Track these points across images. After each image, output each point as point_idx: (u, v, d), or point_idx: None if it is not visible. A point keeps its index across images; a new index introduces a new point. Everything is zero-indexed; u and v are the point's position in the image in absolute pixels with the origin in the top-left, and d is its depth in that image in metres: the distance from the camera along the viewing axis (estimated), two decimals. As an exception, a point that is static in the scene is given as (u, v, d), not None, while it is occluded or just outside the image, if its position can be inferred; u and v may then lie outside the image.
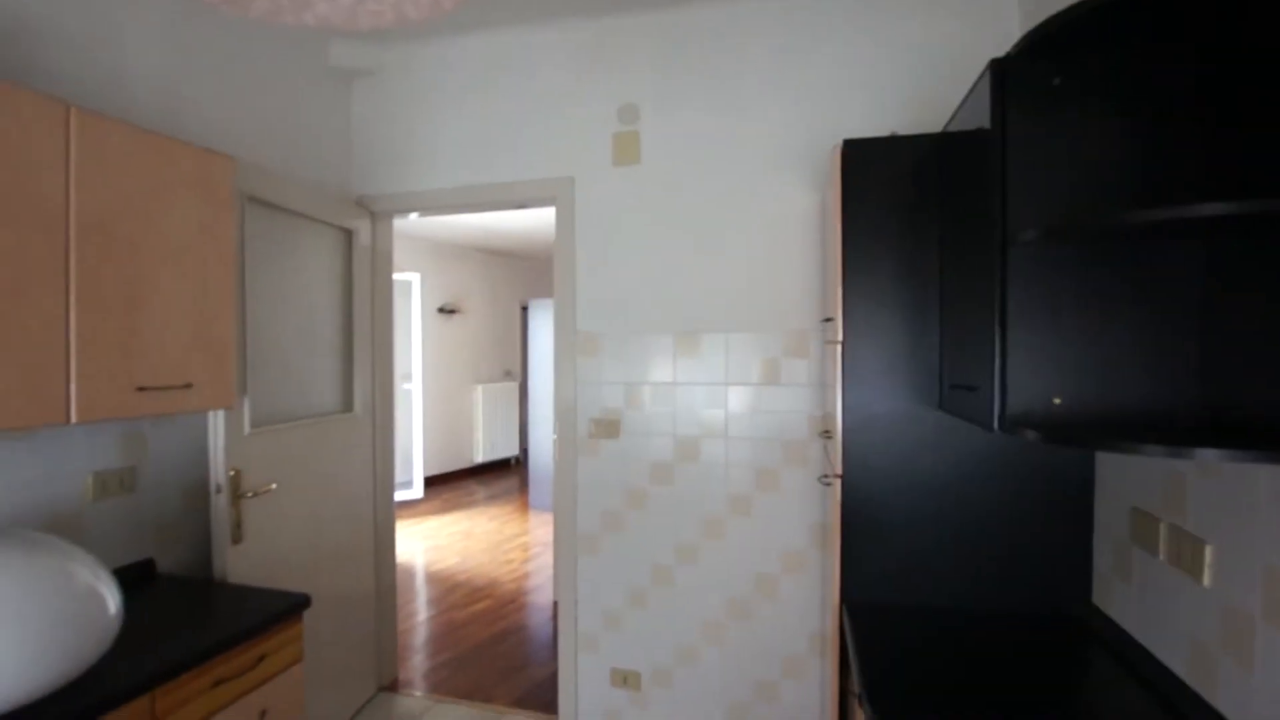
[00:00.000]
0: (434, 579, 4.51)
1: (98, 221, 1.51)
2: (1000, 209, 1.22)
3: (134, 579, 1.94)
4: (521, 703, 2.89)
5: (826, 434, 2.15)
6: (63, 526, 1.79)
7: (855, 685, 1.49)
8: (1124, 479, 1.48)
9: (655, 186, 2.55)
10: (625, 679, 2.63)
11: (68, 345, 1.46)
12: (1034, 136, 1.22)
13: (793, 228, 2.40)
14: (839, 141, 1.80)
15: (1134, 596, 1.43)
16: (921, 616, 1.65)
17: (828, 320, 2.03)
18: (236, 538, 2.11)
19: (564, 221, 2.66)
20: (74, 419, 1.46)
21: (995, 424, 1.23)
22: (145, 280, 1.63)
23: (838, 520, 1.75)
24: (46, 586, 1.26)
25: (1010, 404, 1.24)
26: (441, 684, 3.06)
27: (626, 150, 2.57)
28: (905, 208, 1.72)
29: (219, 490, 2.07)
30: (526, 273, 8.73)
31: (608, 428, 2.61)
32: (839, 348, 1.75)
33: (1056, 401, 1.22)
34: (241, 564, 2.13)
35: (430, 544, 5.30)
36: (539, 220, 5.98)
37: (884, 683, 1.34)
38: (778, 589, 2.44)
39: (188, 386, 1.74)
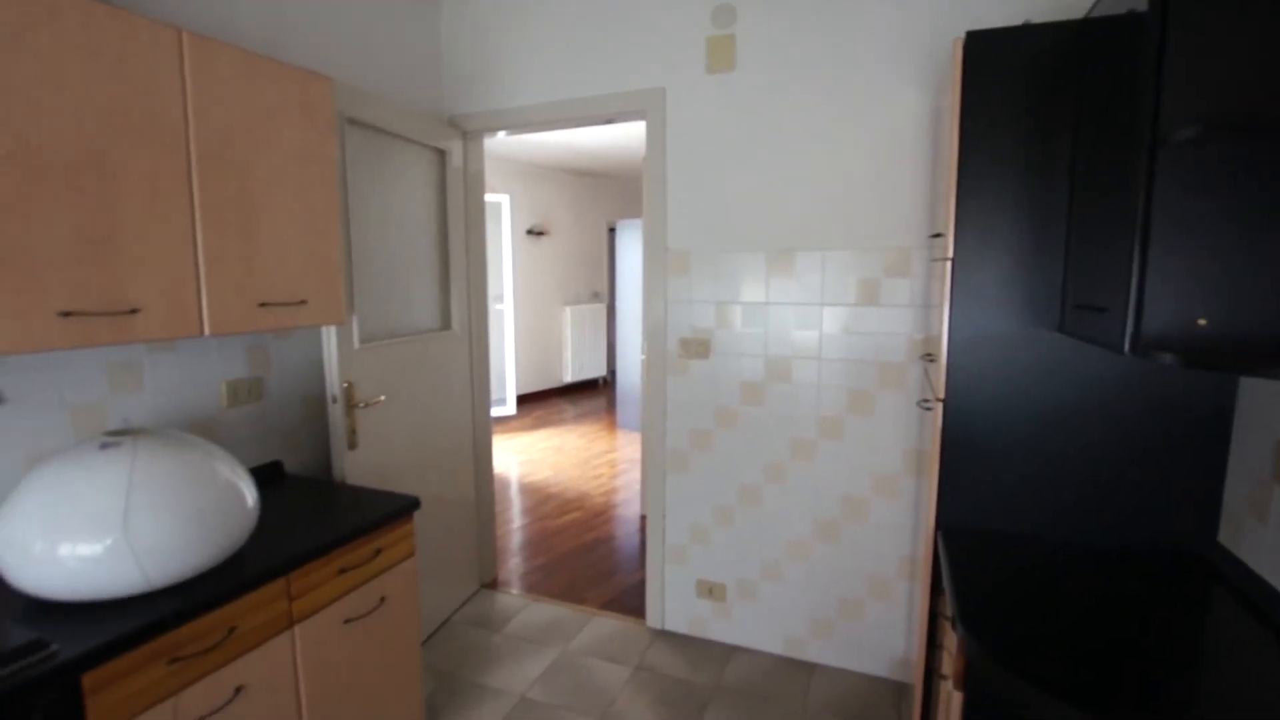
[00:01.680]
0: (527, 490, 4.76)
1: (214, 145, 1.58)
2: (1153, 105, 1.08)
3: (265, 478, 2.14)
4: (610, 606, 3.05)
5: (928, 357, 2.05)
6: (202, 429, 1.99)
7: (948, 609, 1.47)
8: (1274, 410, 1.34)
9: (750, 94, 2.41)
10: (710, 590, 2.72)
11: (197, 264, 1.56)
12: (1199, 20, 1.05)
13: (900, 136, 2.23)
14: (960, 35, 1.62)
15: (1271, 537, 1.32)
16: (1023, 546, 1.59)
17: (936, 236, 1.90)
18: (352, 444, 2.28)
19: (654, 135, 2.58)
20: (207, 331, 1.59)
21: (1126, 346, 1.13)
22: (258, 202, 1.71)
23: (937, 445, 1.69)
24: (197, 480, 1.41)
25: (1145, 325, 1.12)
26: (536, 585, 3.27)
27: (721, 56, 2.43)
28: (1034, 108, 1.55)
29: (335, 400, 2.22)
30: (613, 194, 8.64)
31: (698, 347, 2.60)
32: (948, 265, 1.63)
33: (1201, 323, 1.10)
34: (357, 468, 2.31)
35: (523, 458, 5.56)
36: (626, 138, 5.85)
37: (979, 608, 1.32)
38: (868, 512, 2.42)
39: (302, 303, 1.84)
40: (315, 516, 1.83)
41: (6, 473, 1.54)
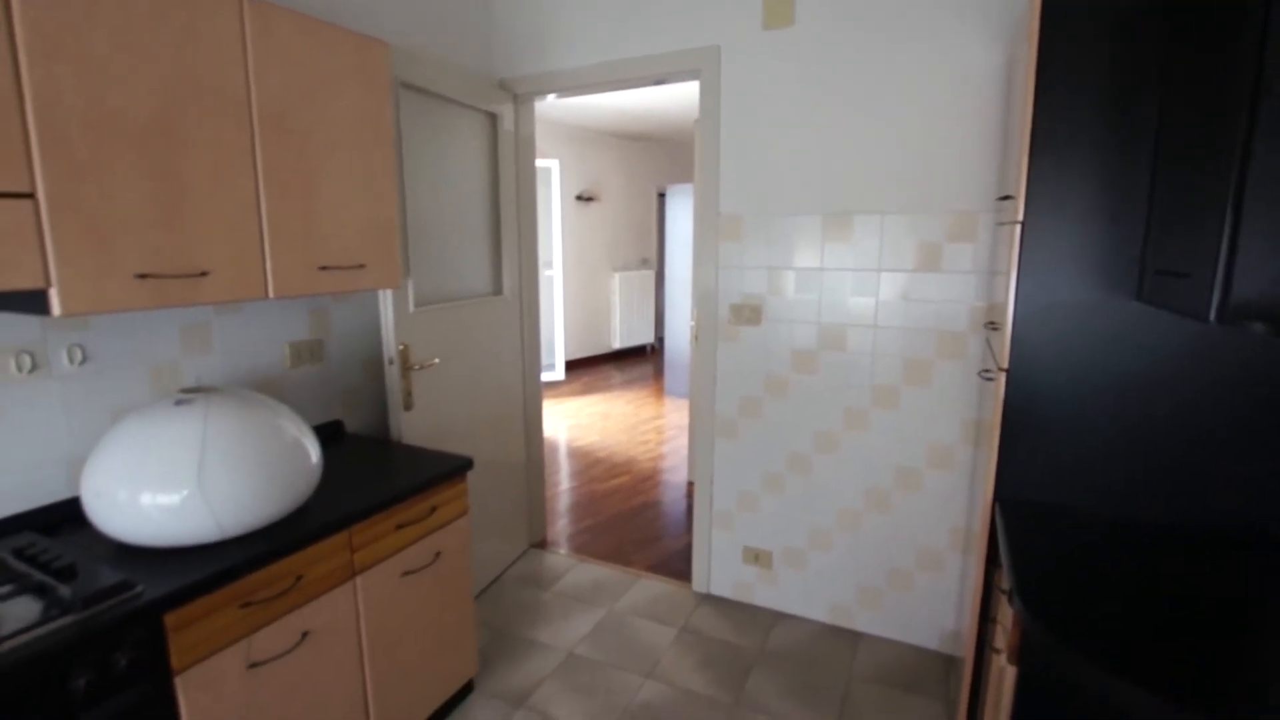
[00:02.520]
0: (575, 454, 4.83)
1: (275, 111, 1.61)
2: (1257, 51, 0.99)
3: (327, 436, 2.23)
4: (656, 569, 3.09)
5: (991, 325, 1.98)
6: (268, 389, 2.07)
7: (1004, 582, 1.44)
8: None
9: (808, 51, 2.32)
10: (757, 557, 2.72)
11: (261, 228, 1.61)
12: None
13: (967, 94, 2.12)
14: (1038, -19, 1.52)
15: (1364, 519, 1.23)
16: (1086, 522, 1.54)
17: (1004, 199, 1.81)
18: (408, 405, 2.34)
19: (708, 95, 2.51)
20: (271, 294, 1.64)
21: (1212, 314, 1.06)
22: (317, 167, 1.74)
23: (998, 416, 1.64)
24: (265, 437, 1.47)
25: (1234, 292, 1.05)
26: (584, 546, 3.33)
27: (778, 10, 2.34)
28: (1116, 60, 1.44)
29: (391, 362, 2.28)
30: (663, 158, 8.53)
31: (749, 314, 2.57)
32: (1017, 228, 1.56)
33: (1299, 290, 1.02)
34: (413, 428, 2.38)
35: (571, 422, 5.64)
36: (676, 101, 5.73)
37: (1038, 582, 1.28)
38: (921, 483, 2.38)
39: (360, 267, 1.89)
40: (374, 474, 1.90)
41: (94, 426, 1.64)
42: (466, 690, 2.21)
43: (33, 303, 1.27)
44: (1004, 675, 1.37)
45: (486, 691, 2.24)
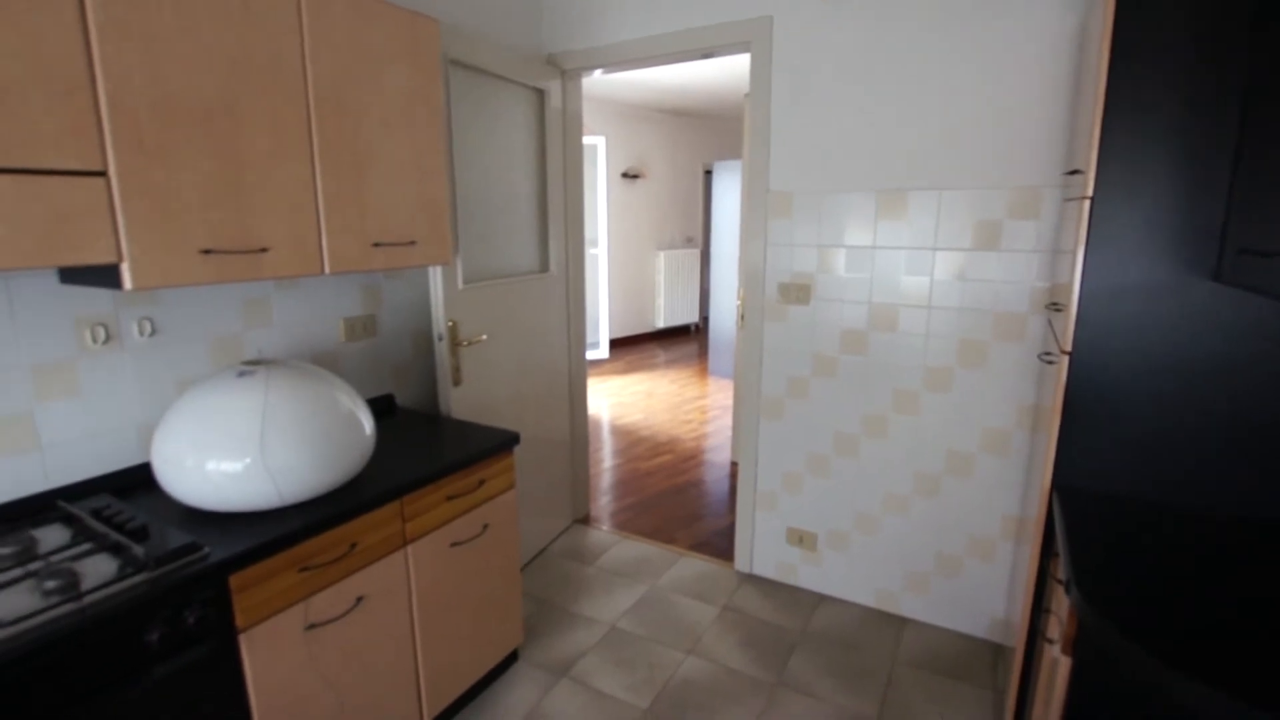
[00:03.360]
0: (619, 432, 4.86)
1: (330, 89, 1.64)
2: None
3: (379, 410, 2.29)
4: (698, 548, 3.10)
5: (1054, 306, 1.90)
6: (324, 362, 2.13)
7: (1060, 571, 1.39)
8: None
9: (865, 19, 2.24)
10: (801, 538, 2.71)
11: (317, 205, 1.64)
12: None
13: (1035, 62, 2.01)
14: (1118, -62, 1.42)
15: None
16: (1151, 513, 1.47)
17: (1072, 173, 1.73)
18: (456, 380, 2.39)
19: (759, 67, 2.45)
20: (327, 270, 1.68)
21: (1303, 296, 0.99)
22: (370, 145, 1.76)
23: (1059, 401, 1.57)
24: (322, 408, 1.52)
25: (1329, 272, 0.98)
26: (627, 523, 3.37)
27: (833, -22, 2.26)
28: (1201, 24, 1.34)
29: (441, 338, 2.32)
30: (709, 134, 8.40)
31: (797, 293, 2.52)
32: (1086, 204, 1.48)
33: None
34: (461, 403, 2.42)
35: (615, 401, 5.67)
36: (724, 75, 5.62)
37: (1098, 573, 1.23)
38: (973, 468, 2.31)
39: (411, 244, 1.91)
40: (424, 447, 1.94)
41: (162, 395, 1.71)
42: (511, 659, 2.27)
43: (106, 277, 1.33)
44: (1057, 666, 1.33)
45: (531, 661, 2.29)
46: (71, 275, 1.45)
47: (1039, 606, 1.72)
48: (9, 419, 1.45)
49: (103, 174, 1.25)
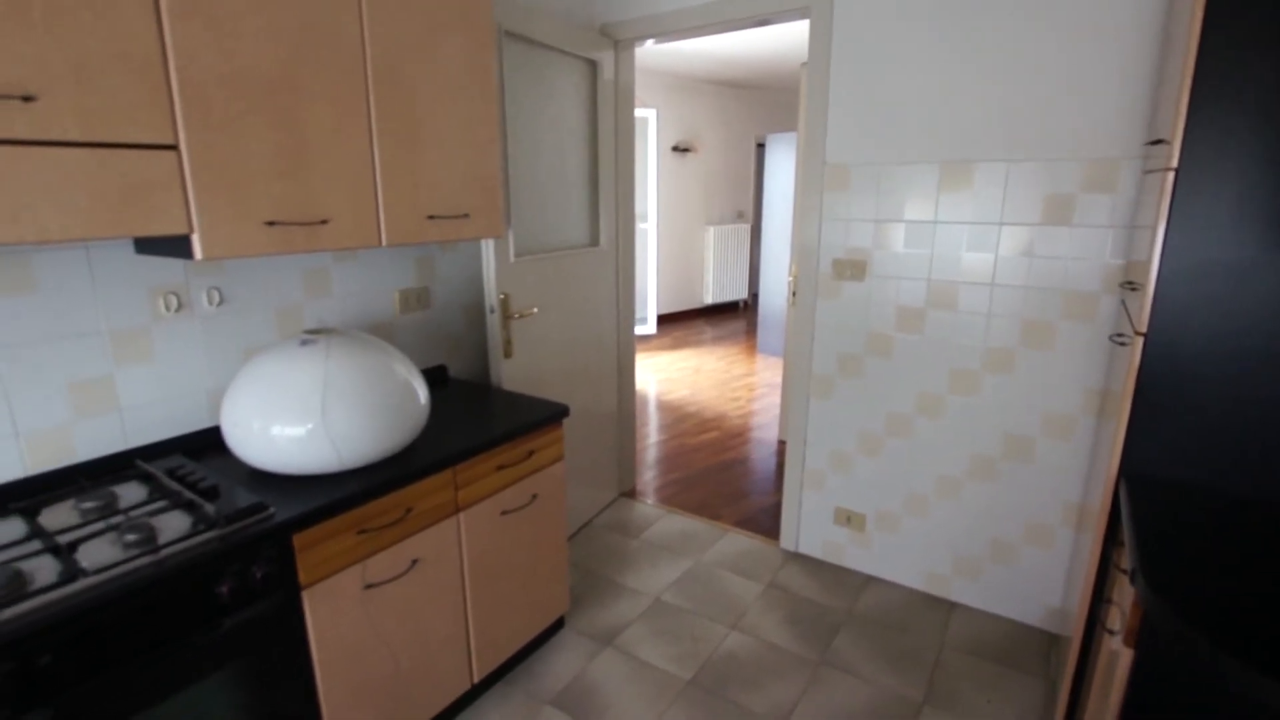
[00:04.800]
0: (665, 408, 4.87)
1: (387, 62, 1.65)
2: None
3: (433, 380, 2.34)
4: (743, 525, 3.10)
5: (1129, 285, 1.80)
6: (380, 333, 2.18)
7: (1126, 561, 1.34)
8: None
9: (932, -17, 2.14)
10: (849, 519, 2.67)
11: (375, 178, 1.67)
12: None
13: (1116, 25, 1.89)
14: (1219, -116, 1.31)
15: None
16: (1227, 504, 1.40)
17: (1155, 143, 1.62)
18: (508, 353, 2.42)
19: (819, 34, 2.37)
20: (384, 241, 1.71)
21: None
22: (425, 118, 1.78)
23: (1131, 385, 1.50)
24: (380, 377, 1.56)
25: None
26: (672, 498, 3.38)
27: (900, -62, 2.16)
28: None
29: (493, 311, 2.35)
30: (762, 106, 8.21)
31: (852, 269, 2.46)
32: (1169, 176, 1.39)
33: None
34: (512, 375, 2.46)
35: (662, 376, 5.67)
36: (780, 44, 5.46)
37: (1165, 564, 1.18)
38: (1033, 453, 2.24)
39: (465, 216, 1.93)
40: (476, 417, 1.98)
41: (229, 362, 1.79)
42: (558, 626, 2.32)
43: (178, 247, 1.39)
44: (1117, 658, 1.29)
45: (576, 629, 2.34)
46: (146, 246, 1.52)
47: (1099, 596, 1.66)
48: (93, 381, 1.53)
49: (174, 147, 1.29)
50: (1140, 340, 1.48)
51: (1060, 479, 2.21)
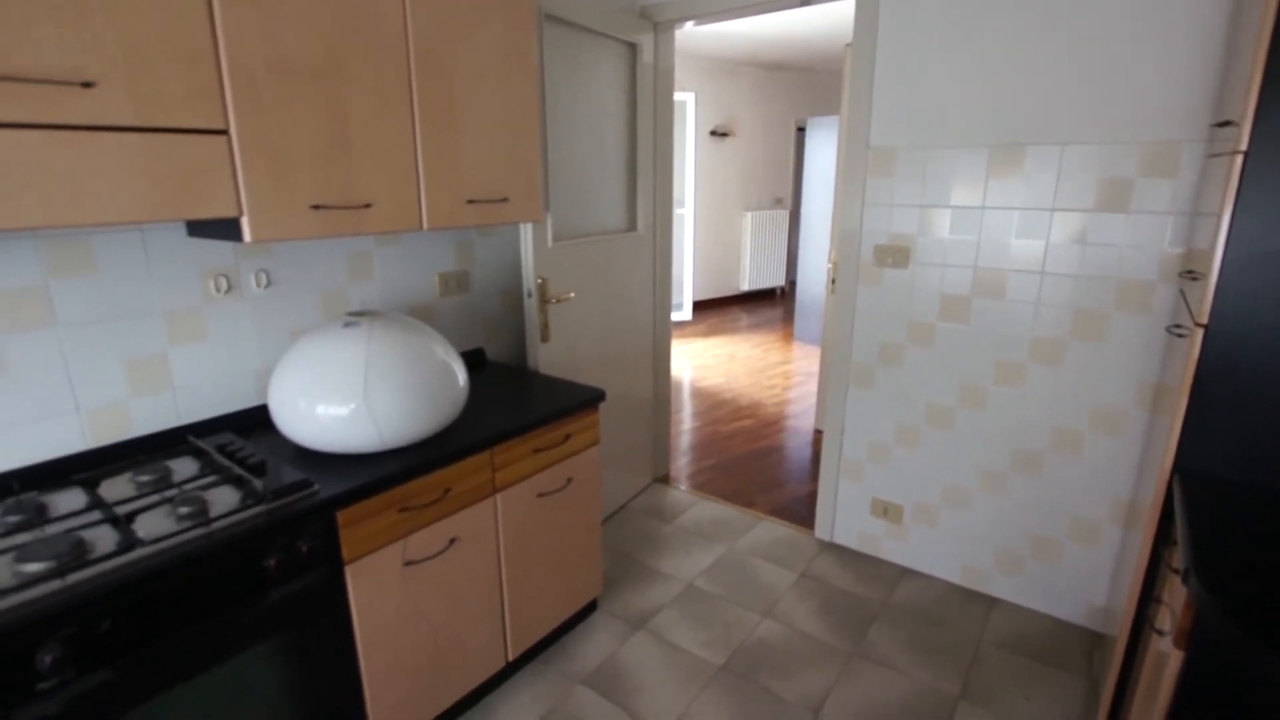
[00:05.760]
0: (700, 395, 4.85)
1: (428, 46, 1.66)
2: None
3: (471, 363, 2.37)
4: (777, 513, 3.08)
5: (1189, 274, 1.72)
6: (420, 315, 2.22)
7: (1178, 561, 1.29)
8: None
9: (985, -42, 2.06)
10: (886, 510, 2.64)
11: (416, 162, 1.69)
12: None
13: (1182, 2, 1.80)
14: None
15: None
16: (1291, 503, 1.34)
17: (1222, 125, 1.54)
18: (545, 337, 2.43)
19: (865, 13, 2.31)
20: (425, 225, 1.73)
21: None
22: (465, 102, 1.78)
23: (1189, 379, 1.44)
24: (420, 359, 1.59)
25: None
26: (706, 485, 3.38)
27: (952, -88, 2.08)
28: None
29: (530, 295, 2.36)
30: (803, 90, 8.04)
31: (895, 255, 2.40)
32: (1238, 160, 1.32)
33: None
34: (549, 359, 2.47)
35: (697, 363, 5.65)
36: (823, 25, 5.34)
37: (1221, 564, 1.14)
38: (1081, 447, 2.17)
39: (504, 200, 1.94)
40: (513, 400, 2.00)
41: (277, 342, 1.84)
42: (591, 608, 2.35)
43: (228, 230, 1.42)
44: (1165, 660, 1.25)
45: (609, 611, 2.36)
46: (198, 228, 1.56)
47: (1148, 595, 1.61)
48: (149, 360, 1.59)
49: (224, 132, 1.32)
50: (1200, 332, 1.42)
51: (1109, 475, 2.14)
